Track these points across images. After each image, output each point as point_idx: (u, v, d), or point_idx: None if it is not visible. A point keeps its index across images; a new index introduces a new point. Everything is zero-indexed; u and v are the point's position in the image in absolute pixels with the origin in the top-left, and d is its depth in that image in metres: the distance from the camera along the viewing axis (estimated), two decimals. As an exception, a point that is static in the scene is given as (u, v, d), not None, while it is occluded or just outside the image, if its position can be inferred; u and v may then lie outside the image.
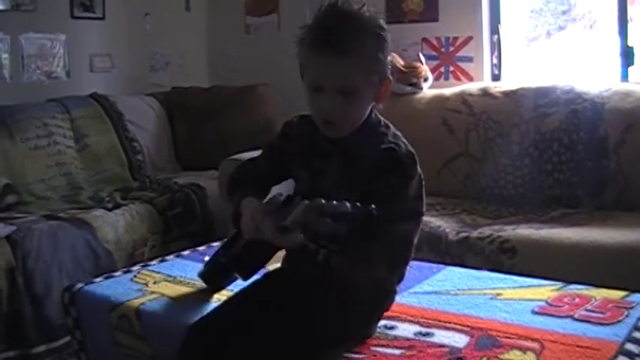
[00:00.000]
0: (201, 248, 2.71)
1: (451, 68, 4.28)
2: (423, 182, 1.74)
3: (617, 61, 3.82)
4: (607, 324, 1.87)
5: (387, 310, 1.91)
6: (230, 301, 1.89)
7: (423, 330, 1.89)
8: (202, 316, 1.84)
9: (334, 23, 1.62)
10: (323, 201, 1.37)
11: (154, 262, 2.66)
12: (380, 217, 1.43)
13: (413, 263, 2.42)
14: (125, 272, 2.53)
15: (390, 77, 1.72)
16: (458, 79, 4.24)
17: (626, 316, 1.92)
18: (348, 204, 1.37)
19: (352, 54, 1.61)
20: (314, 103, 1.67)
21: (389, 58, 1.70)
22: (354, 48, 1.61)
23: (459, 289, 2.20)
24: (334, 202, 1.37)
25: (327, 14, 1.65)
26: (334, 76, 1.62)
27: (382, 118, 1.79)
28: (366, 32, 1.64)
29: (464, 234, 3.04)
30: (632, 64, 3.77)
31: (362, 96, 1.66)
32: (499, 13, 4.21)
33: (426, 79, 4.06)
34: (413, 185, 1.69)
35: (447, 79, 4.28)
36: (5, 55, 4.02)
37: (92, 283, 2.40)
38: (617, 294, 2.10)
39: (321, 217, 1.34)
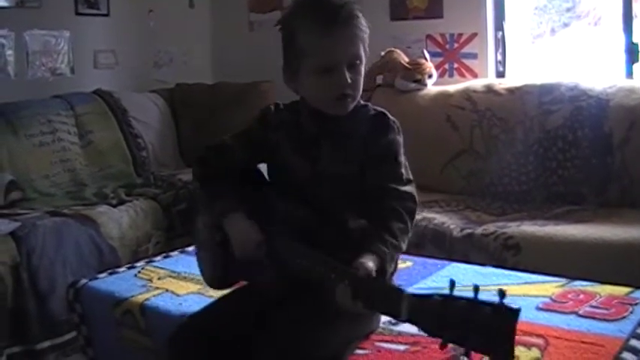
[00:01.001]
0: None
1: (455, 65, 4.27)
2: None
3: (622, 57, 3.80)
4: (611, 320, 1.87)
5: None
6: (231, 298, 1.88)
7: (428, 326, 1.89)
8: (199, 312, 1.85)
9: (332, 5, 1.69)
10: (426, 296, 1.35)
11: (158, 258, 2.68)
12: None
13: (417, 259, 2.44)
14: (129, 268, 2.54)
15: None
16: (462, 75, 4.23)
17: (631, 312, 1.92)
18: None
19: (356, 27, 1.70)
20: (324, 83, 1.69)
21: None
22: (356, 21, 1.70)
23: (463, 286, 2.19)
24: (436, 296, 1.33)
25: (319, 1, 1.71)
26: (347, 50, 1.68)
27: None
28: (355, 8, 1.72)
29: (468, 230, 3.04)
30: (637, 60, 3.76)
31: (363, 65, 1.73)
32: (503, 10, 4.20)
33: (430, 76, 4.05)
34: (402, 152, 1.75)
35: (451, 75, 4.28)
36: (10, 52, 4.02)
37: (96, 279, 2.41)
38: (621, 290, 2.10)
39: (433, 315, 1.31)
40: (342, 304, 1.45)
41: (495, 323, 1.22)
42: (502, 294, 1.23)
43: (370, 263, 1.47)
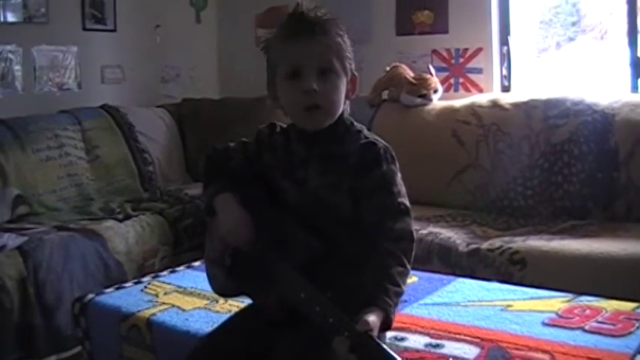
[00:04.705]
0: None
1: (461, 80, 4.29)
2: None
3: (627, 72, 3.81)
4: (618, 336, 1.87)
5: None
6: (246, 316, 1.87)
7: (433, 341, 1.89)
8: (215, 331, 1.84)
9: (302, 15, 1.70)
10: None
11: (164, 273, 2.68)
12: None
13: (423, 274, 2.44)
14: (136, 283, 2.55)
15: (356, 74, 1.77)
16: (468, 90, 4.24)
17: (637, 327, 1.91)
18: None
19: (325, 34, 1.68)
20: (293, 90, 1.69)
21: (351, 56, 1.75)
22: (326, 29, 1.69)
23: (469, 301, 2.20)
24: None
25: (294, 13, 1.72)
26: (313, 54, 1.67)
27: (352, 119, 1.80)
28: (332, 21, 1.71)
29: (474, 245, 3.04)
30: (643, 75, 3.77)
31: (339, 79, 1.70)
32: (509, 25, 4.21)
33: (435, 91, 4.06)
34: (398, 181, 1.70)
35: (456, 90, 4.29)
36: (17, 67, 4.05)
37: (103, 293, 2.42)
38: (627, 305, 2.09)
39: None
40: (337, 352, 1.45)
41: None
42: None
43: (374, 318, 1.46)
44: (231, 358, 1.70)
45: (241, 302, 2.05)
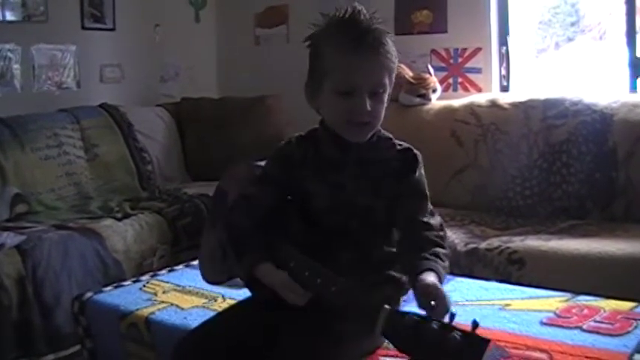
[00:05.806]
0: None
1: (460, 79, 4.29)
2: None
3: (626, 72, 3.81)
4: (616, 335, 1.87)
5: None
6: (237, 310, 1.88)
7: (432, 340, 1.89)
8: (205, 323, 1.83)
9: (365, 26, 1.67)
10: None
11: (163, 271, 2.68)
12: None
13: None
14: (134, 282, 2.55)
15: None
16: (466, 90, 4.25)
17: (635, 327, 1.92)
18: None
19: (385, 53, 1.67)
20: (342, 105, 1.67)
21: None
22: (383, 48, 1.67)
23: (467, 300, 2.20)
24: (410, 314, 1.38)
25: (354, 18, 1.68)
26: (370, 75, 1.66)
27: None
28: (387, 34, 1.70)
29: (472, 245, 3.04)
30: (641, 75, 3.77)
31: (386, 94, 1.71)
32: (508, 25, 4.21)
33: (434, 91, 4.06)
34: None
35: (455, 90, 4.29)
36: (16, 66, 4.04)
37: (101, 292, 2.42)
38: (625, 305, 2.10)
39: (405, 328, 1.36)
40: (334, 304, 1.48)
41: (465, 351, 1.28)
42: (475, 324, 1.29)
43: (432, 278, 1.49)
44: (225, 345, 1.69)
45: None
